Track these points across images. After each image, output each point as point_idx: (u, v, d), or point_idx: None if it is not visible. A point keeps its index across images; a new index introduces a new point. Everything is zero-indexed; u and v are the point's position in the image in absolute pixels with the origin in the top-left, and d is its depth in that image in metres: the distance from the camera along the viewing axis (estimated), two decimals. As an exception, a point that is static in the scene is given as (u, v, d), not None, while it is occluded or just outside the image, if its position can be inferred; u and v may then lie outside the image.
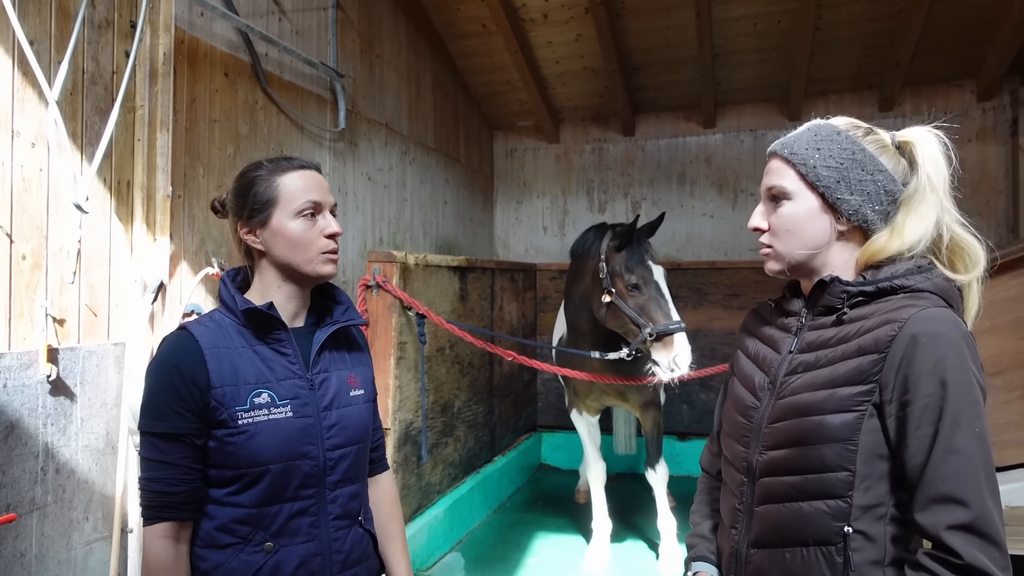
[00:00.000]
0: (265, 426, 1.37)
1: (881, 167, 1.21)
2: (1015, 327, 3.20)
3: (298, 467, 1.40)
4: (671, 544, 3.76)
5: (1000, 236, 5.67)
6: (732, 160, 6.42)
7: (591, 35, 5.53)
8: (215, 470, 1.38)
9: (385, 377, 3.50)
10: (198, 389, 1.34)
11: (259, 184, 1.44)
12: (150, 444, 1.35)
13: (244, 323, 1.42)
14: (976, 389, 1.06)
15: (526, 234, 7.05)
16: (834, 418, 1.12)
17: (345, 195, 4.46)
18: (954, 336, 1.07)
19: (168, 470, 1.34)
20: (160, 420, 1.34)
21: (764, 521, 1.22)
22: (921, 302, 1.12)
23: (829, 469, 1.12)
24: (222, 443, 1.36)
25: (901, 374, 1.07)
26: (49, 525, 2.48)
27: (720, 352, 5.46)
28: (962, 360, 1.06)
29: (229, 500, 1.38)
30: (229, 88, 3.40)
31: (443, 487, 4.12)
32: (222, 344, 1.39)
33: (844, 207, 1.20)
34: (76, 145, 2.60)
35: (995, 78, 5.46)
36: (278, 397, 1.39)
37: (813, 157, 1.21)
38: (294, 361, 1.44)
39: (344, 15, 4.45)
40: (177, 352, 1.37)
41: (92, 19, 2.68)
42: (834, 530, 1.11)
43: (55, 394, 2.49)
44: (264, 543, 1.37)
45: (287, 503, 1.39)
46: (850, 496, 1.10)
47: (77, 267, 2.59)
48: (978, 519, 1.00)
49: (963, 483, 1.02)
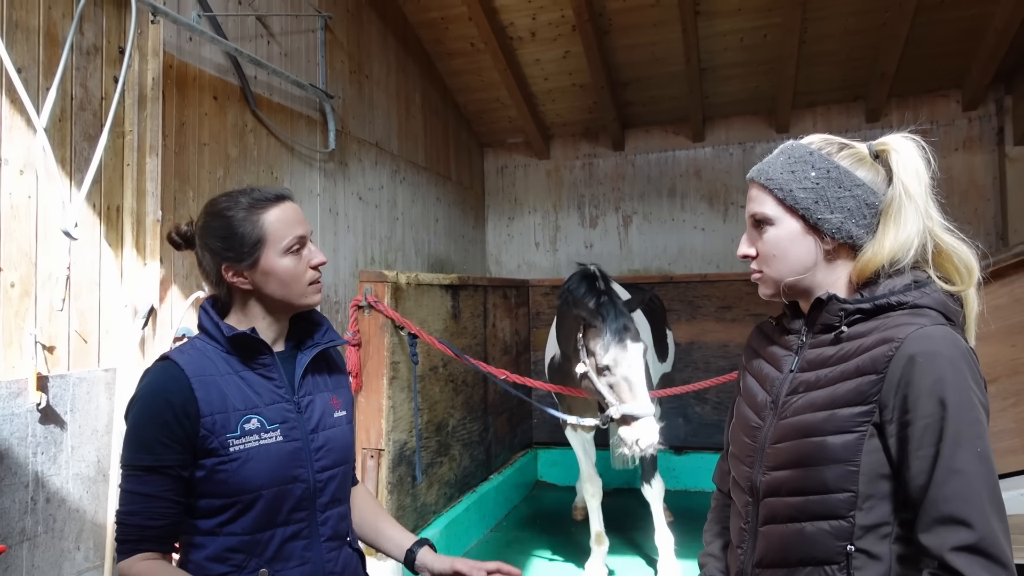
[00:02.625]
0: (256, 452, 1.35)
1: (858, 181, 1.19)
2: (1007, 334, 3.21)
3: (290, 491, 1.39)
4: (669, 559, 3.73)
5: (989, 244, 5.71)
6: (722, 173, 6.46)
7: (579, 52, 5.57)
8: (204, 500, 1.35)
9: (378, 397, 3.48)
10: (188, 419, 1.31)
11: (243, 225, 1.40)
12: (133, 477, 1.31)
13: (229, 349, 1.40)
14: (977, 408, 1.05)
15: (518, 250, 7.06)
16: (835, 439, 1.11)
17: (336, 215, 4.46)
18: (952, 355, 1.06)
19: (151, 503, 1.31)
20: (146, 453, 1.30)
21: (768, 541, 1.21)
22: (919, 319, 1.11)
23: (831, 490, 1.11)
24: (212, 472, 1.33)
25: (900, 394, 1.07)
26: (40, 556, 2.44)
27: (714, 365, 5.46)
28: (961, 379, 1.05)
29: (220, 530, 1.35)
30: (218, 111, 3.41)
31: (439, 507, 4.09)
32: (208, 372, 1.36)
33: (826, 227, 1.19)
34: (65, 171, 2.60)
35: (980, 87, 5.53)
36: (267, 422, 1.38)
37: (788, 180, 1.20)
38: (280, 385, 1.44)
39: (333, 36, 4.48)
40: (165, 382, 1.34)
41: (80, 45, 2.68)
42: (836, 549, 1.11)
43: (45, 422, 2.47)
44: (259, 569, 1.35)
45: (280, 528, 1.38)
46: (852, 516, 1.10)
47: (66, 294, 2.58)
48: (982, 540, 0.99)
49: (966, 503, 1.01)
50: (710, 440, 5.53)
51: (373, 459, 3.47)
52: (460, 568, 1.46)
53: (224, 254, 1.41)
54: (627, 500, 4.95)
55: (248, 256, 1.40)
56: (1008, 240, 5.47)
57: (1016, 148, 5.54)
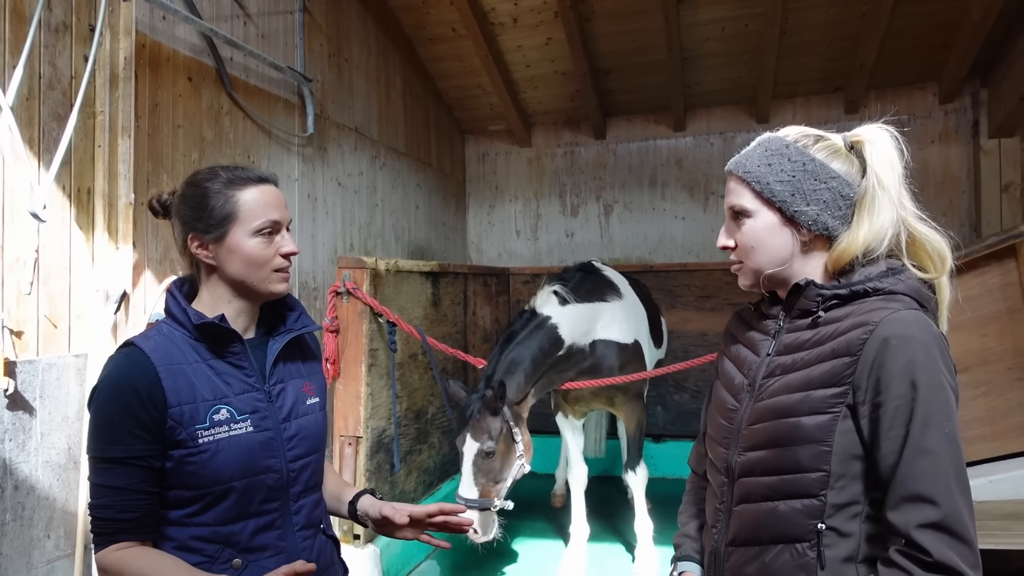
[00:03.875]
0: (227, 443, 1.32)
1: (833, 173, 1.21)
2: (979, 324, 3.26)
3: (262, 481, 1.37)
4: (647, 546, 3.76)
5: (963, 236, 5.79)
6: (702, 163, 6.48)
7: (561, 39, 5.54)
8: (174, 491, 1.32)
9: (356, 385, 3.45)
10: (155, 409, 1.28)
11: (216, 198, 1.37)
12: (103, 469, 1.27)
13: (196, 336, 1.36)
14: (947, 391, 1.08)
15: (499, 238, 7.04)
16: (809, 420, 1.14)
17: (315, 201, 4.41)
18: (924, 338, 1.09)
19: (122, 496, 1.27)
20: (115, 444, 1.26)
21: (742, 520, 1.24)
22: (893, 304, 1.13)
23: (805, 470, 1.14)
24: (180, 464, 1.30)
25: (873, 376, 1.09)
26: (8, 544, 2.40)
27: (694, 353, 5.48)
28: (932, 362, 1.08)
29: (191, 520, 1.32)
30: (193, 93, 3.34)
31: (418, 494, 4.08)
32: (175, 360, 1.32)
33: (802, 219, 1.21)
34: (33, 152, 2.53)
35: (956, 80, 5.59)
36: (237, 412, 1.35)
37: (766, 173, 1.22)
38: (251, 374, 1.40)
39: (311, 19, 4.40)
40: (130, 370, 1.29)
41: (48, 22, 2.61)
42: (808, 527, 1.13)
43: (13, 408, 2.41)
44: (232, 560, 1.33)
45: (252, 519, 1.36)
46: (824, 495, 1.12)
47: (35, 277, 2.52)
48: (947, 518, 1.02)
49: (933, 482, 1.03)
50: (689, 428, 5.57)
51: (351, 447, 3.44)
52: (386, 512, 1.49)
53: (192, 223, 1.38)
54: (604, 488, 4.98)
55: (215, 229, 1.36)
56: (981, 232, 5.55)
57: (990, 141, 5.61)
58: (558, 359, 3.44)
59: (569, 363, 3.53)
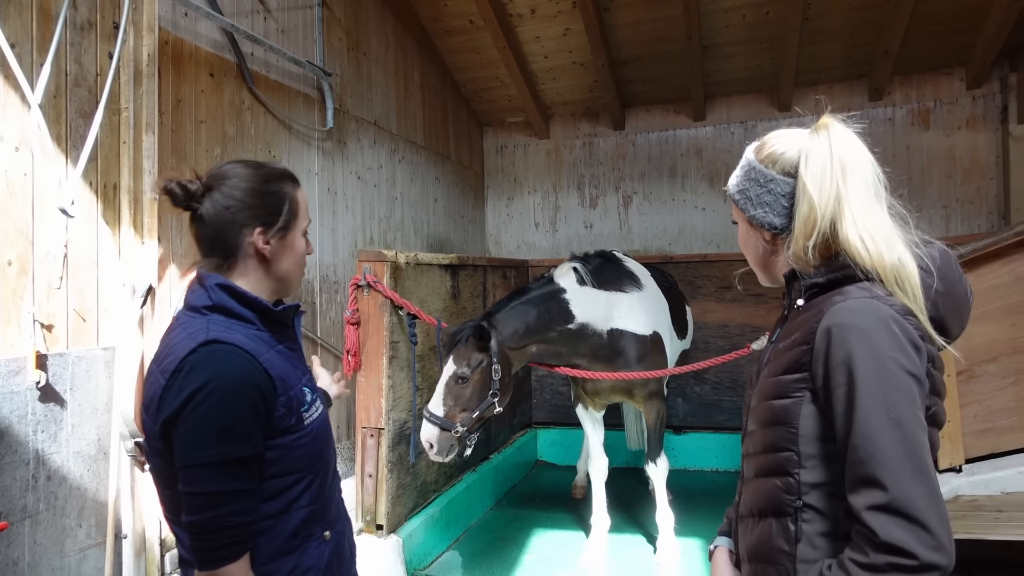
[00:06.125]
0: (319, 423, 1.41)
1: (771, 176, 1.30)
2: (1007, 314, 3.20)
3: (334, 454, 1.49)
4: (669, 537, 3.76)
5: (991, 223, 5.69)
6: (723, 152, 6.42)
7: (579, 29, 5.51)
8: (277, 479, 1.32)
9: (378, 377, 3.48)
10: (270, 401, 1.29)
11: (288, 194, 1.43)
12: (226, 473, 1.22)
13: (260, 327, 1.38)
14: (895, 376, 1.10)
15: (518, 230, 7.03)
16: (777, 403, 1.23)
17: (335, 195, 4.43)
18: (867, 326, 1.12)
19: (246, 499, 1.25)
20: (241, 443, 1.24)
21: (747, 493, 1.34)
22: (842, 294, 1.19)
23: (777, 449, 1.22)
24: (288, 449, 1.32)
25: (822, 365, 1.15)
26: (41, 533, 2.46)
27: (714, 345, 5.46)
28: (873, 349, 1.11)
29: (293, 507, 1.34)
30: (215, 89, 3.37)
31: (439, 485, 4.10)
32: (261, 351, 1.33)
33: (756, 222, 1.34)
34: (60, 148, 2.57)
35: (984, 65, 5.47)
36: (312, 392, 1.43)
37: (734, 187, 1.38)
38: (301, 358, 1.48)
39: (330, 13, 4.42)
40: (245, 365, 1.27)
41: (74, 21, 2.65)
42: (787, 503, 1.21)
43: (45, 400, 2.47)
44: (324, 533, 1.41)
45: (329, 492, 1.46)
46: (797, 474, 1.19)
47: (64, 272, 2.57)
48: (895, 500, 1.04)
49: (878, 466, 1.07)
50: (709, 420, 5.55)
51: (373, 438, 3.47)
52: None
53: (266, 217, 1.39)
54: (627, 480, 4.98)
55: (284, 224, 1.42)
56: (1010, 219, 5.44)
57: (1020, 127, 5.49)
58: (569, 333, 3.47)
59: (582, 343, 3.54)
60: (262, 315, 1.38)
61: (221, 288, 1.35)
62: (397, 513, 3.55)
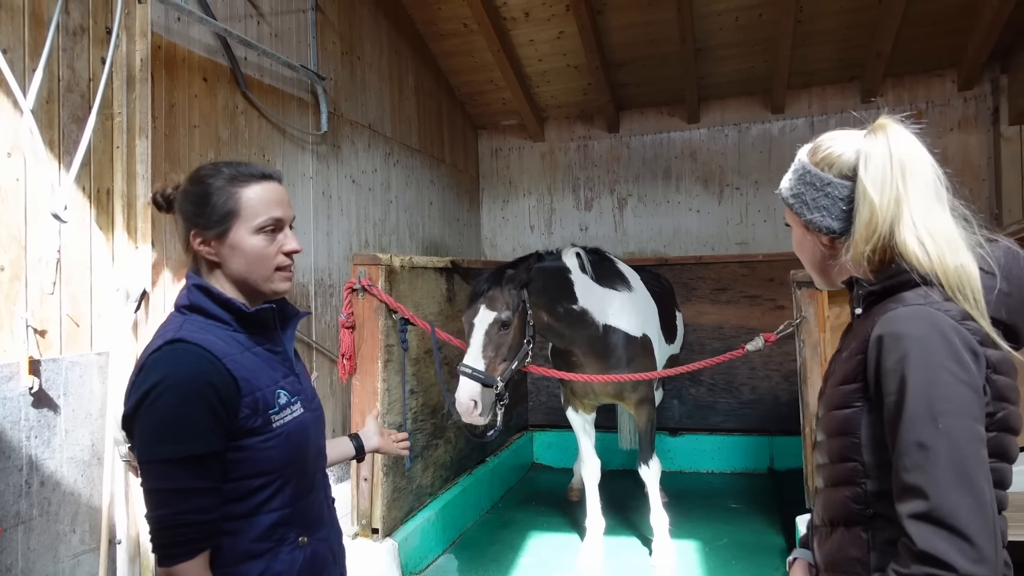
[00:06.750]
0: (293, 425, 1.38)
1: (828, 179, 1.27)
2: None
3: (314, 458, 1.46)
4: (664, 539, 3.76)
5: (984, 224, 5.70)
6: (717, 154, 6.44)
7: (573, 32, 5.52)
8: (243, 482, 1.31)
9: (373, 380, 3.48)
10: (230, 400, 1.28)
11: (218, 194, 1.36)
12: (179, 471, 1.22)
13: (236, 327, 1.37)
14: (946, 385, 1.07)
15: (513, 233, 7.04)
16: (839, 413, 1.21)
17: (330, 198, 4.44)
18: (919, 334, 1.10)
19: (204, 497, 1.24)
20: (194, 441, 1.23)
21: (819, 504, 1.33)
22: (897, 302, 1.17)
23: (843, 459, 1.21)
24: (255, 451, 1.31)
25: (875, 373, 1.14)
26: (35, 539, 2.45)
27: (709, 347, 5.47)
28: (925, 358, 1.09)
29: (263, 508, 1.34)
30: (208, 93, 3.37)
31: (435, 489, 4.10)
32: (230, 351, 1.32)
33: (814, 226, 1.30)
34: (53, 154, 2.57)
35: (975, 67, 5.50)
36: (290, 395, 1.40)
37: (787, 190, 1.35)
38: (285, 359, 1.45)
39: (324, 17, 4.43)
40: (200, 364, 1.26)
41: (67, 26, 2.65)
42: (858, 511, 1.20)
43: (38, 406, 2.46)
44: (298, 538, 1.38)
45: (308, 495, 1.43)
46: (864, 483, 1.18)
47: (57, 277, 2.56)
48: (936, 510, 1.03)
49: (922, 475, 1.05)
50: (704, 422, 5.56)
51: (368, 441, 3.47)
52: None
53: (194, 219, 1.38)
54: (623, 482, 4.99)
55: (217, 225, 1.36)
56: (1003, 221, 5.47)
57: (1011, 128, 5.53)
58: (573, 315, 3.44)
59: (583, 329, 3.51)
60: (237, 316, 1.37)
61: (198, 288, 1.37)
62: (393, 517, 3.55)
